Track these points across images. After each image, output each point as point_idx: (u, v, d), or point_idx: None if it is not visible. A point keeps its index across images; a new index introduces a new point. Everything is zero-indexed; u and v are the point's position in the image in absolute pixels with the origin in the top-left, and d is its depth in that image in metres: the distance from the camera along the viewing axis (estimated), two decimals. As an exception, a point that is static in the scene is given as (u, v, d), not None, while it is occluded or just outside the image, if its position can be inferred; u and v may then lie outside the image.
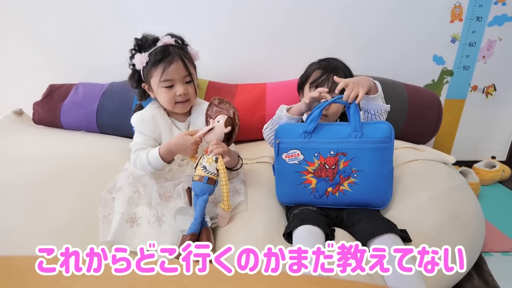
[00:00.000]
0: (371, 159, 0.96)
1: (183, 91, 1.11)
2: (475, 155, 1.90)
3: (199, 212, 0.91)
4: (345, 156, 0.97)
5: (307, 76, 1.19)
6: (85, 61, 1.67)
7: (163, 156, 1.04)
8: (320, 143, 0.97)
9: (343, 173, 0.98)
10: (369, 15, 1.60)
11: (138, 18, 1.58)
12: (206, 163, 0.95)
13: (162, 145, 1.06)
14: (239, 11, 1.58)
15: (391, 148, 0.97)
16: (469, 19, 1.62)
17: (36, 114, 1.54)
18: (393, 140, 0.96)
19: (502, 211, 1.50)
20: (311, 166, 0.99)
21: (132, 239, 0.90)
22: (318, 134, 0.98)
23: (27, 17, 1.57)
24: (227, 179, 0.95)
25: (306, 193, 1.01)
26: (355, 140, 0.95)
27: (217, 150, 0.97)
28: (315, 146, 0.97)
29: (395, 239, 0.85)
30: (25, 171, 1.12)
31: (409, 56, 1.68)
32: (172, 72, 1.09)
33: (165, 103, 1.15)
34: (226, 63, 1.65)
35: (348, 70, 1.17)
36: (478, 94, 1.78)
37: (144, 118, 1.16)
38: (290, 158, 1.00)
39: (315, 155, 0.98)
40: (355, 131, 0.95)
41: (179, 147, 1.03)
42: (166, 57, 1.08)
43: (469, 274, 1.00)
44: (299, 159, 0.99)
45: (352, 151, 0.96)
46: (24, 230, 0.88)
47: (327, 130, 0.98)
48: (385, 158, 0.96)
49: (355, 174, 0.97)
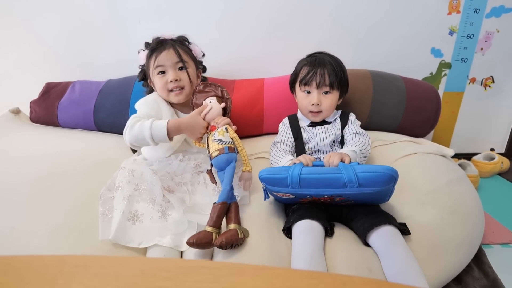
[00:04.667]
0: (370, 198, 0.92)
1: (174, 76, 1.13)
2: (474, 148, 1.90)
3: (229, 180, 0.94)
4: (341, 198, 0.92)
5: (296, 74, 1.21)
6: (82, 59, 1.66)
7: (170, 129, 1.03)
8: (311, 191, 0.90)
9: (340, 201, 0.95)
10: (366, 8, 1.59)
11: (135, 15, 1.57)
12: (220, 136, 0.99)
13: (173, 119, 1.06)
14: (235, 6, 1.57)
15: (392, 187, 0.91)
16: (466, 11, 1.61)
17: (33, 112, 1.53)
18: (395, 184, 0.89)
19: (501, 203, 1.50)
20: (305, 201, 0.96)
21: (133, 236, 0.89)
22: (308, 184, 0.89)
23: (23, 15, 1.56)
24: (241, 144, 1.01)
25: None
26: (351, 190, 0.87)
27: (225, 121, 1.04)
28: (307, 192, 0.91)
29: (394, 231, 0.86)
30: (22, 170, 1.11)
31: (406, 49, 1.67)
32: (162, 58, 1.13)
33: (160, 90, 1.17)
34: (223, 59, 1.64)
35: (336, 61, 1.17)
36: (476, 86, 1.78)
37: (147, 100, 1.19)
38: (281, 196, 0.96)
39: (307, 197, 0.93)
40: (351, 183, 0.85)
41: (189, 126, 1.05)
42: (160, 47, 1.14)
43: (469, 266, 1.00)
44: (291, 197, 0.95)
45: (348, 196, 0.90)
46: (21, 229, 0.88)
47: (318, 180, 0.88)
48: (386, 194, 0.92)
49: (353, 201, 0.94)
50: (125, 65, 1.57)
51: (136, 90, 1.44)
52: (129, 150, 1.31)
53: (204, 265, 0.45)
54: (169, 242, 0.88)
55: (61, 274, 0.41)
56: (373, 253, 0.86)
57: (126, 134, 1.06)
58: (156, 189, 1.00)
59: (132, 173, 1.06)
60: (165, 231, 0.91)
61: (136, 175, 1.06)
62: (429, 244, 0.90)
